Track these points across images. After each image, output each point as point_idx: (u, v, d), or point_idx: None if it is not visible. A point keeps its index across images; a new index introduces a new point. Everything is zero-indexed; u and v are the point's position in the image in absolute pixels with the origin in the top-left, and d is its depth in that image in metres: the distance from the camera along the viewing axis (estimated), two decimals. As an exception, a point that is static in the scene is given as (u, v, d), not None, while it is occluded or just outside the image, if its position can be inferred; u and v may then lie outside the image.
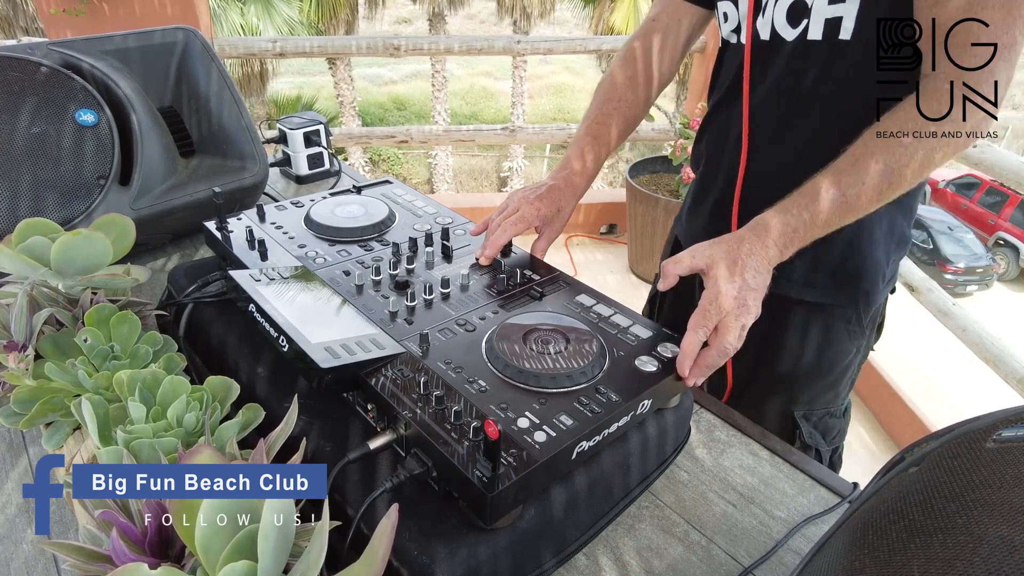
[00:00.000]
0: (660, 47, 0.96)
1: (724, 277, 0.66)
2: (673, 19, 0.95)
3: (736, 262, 0.67)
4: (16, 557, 0.62)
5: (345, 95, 10.15)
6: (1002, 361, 1.85)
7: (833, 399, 0.99)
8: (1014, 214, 9.21)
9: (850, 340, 0.94)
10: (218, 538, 0.40)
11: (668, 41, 0.96)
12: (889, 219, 0.88)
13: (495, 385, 0.58)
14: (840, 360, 0.95)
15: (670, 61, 0.97)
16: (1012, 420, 0.33)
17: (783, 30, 0.80)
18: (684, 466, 0.72)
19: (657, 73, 0.97)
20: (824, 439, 1.00)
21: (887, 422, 2.67)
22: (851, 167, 0.70)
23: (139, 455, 0.54)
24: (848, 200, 0.69)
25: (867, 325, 0.94)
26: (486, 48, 3.06)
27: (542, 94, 16.38)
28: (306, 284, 0.72)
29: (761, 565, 0.60)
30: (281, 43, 2.85)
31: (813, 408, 0.99)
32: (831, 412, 1.00)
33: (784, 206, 0.71)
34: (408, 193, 1.00)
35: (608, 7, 9.31)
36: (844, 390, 1.00)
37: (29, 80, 0.96)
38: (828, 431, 1.00)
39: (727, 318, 0.64)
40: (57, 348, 0.68)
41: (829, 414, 1.00)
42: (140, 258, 1.10)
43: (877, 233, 0.88)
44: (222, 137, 1.18)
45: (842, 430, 1.03)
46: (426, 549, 0.50)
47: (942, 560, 0.27)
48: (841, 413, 1.01)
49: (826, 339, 0.93)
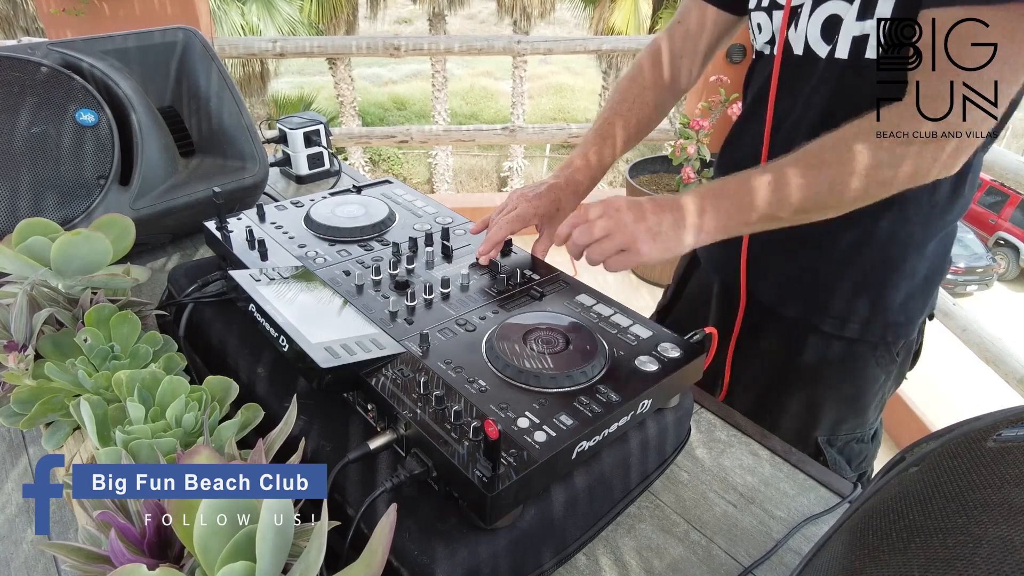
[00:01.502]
0: (681, 51, 0.94)
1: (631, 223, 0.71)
2: (698, 23, 0.93)
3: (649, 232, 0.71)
4: (16, 557, 0.62)
5: (345, 95, 10.15)
6: (1002, 361, 1.84)
7: (860, 425, 0.95)
8: (1014, 214, 9.20)
9: (878, 367, 0.90)
10: (217, 538, 0.40)
11: (689, 45, 0.94)
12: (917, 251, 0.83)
13: (495, 385, 0.58)
14: (867, 388, 0.91)
15: (691, 65, 0.95)
16: (1012, 420, 0.33)
17: (816, 45, 0.76)
18: (684, 466, 0.72)
19: (676, 78, 0.95)
20: (849, 465, 0.95)
21: (887, 422, 2.66)
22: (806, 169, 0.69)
23: (138, 455, 0.54)
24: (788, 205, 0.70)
25: (899, 353, 0.90)
26: (486, 48, 3.06)
27: (542, 94, 16.38)
28: (306, 284, 0.72)
29: (761, 565, 0.60)
30: (281, 43, 2.85)
31: (837, 433, 0.94)
32: (858, 437, 0.95)
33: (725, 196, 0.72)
34: (408, 193, 1.00)
35: (608, 7, 9.32)
36: (873, 416, 0.96)
37: (29, 80, 0.96)
38: (854, 457, 0.96)
39: (604, 220, 0.71)
40: (57, 348, 0.68)
41: (855, 439, 0.95)
42: (140, 258, 1.10)
43: (907, 265, 0.84)
44: (222, 137, 1.18)
45: (869, 456, 0.98)
46: (426, 549, 0.50)
47: (942, 560, 0.27)
48: (869, 438, 0.97)
49: (850, 367, 0.90)
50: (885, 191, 0.69)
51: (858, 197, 0.69)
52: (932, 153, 0.65)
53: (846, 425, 0.94)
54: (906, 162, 0.66)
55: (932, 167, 0.67)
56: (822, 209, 0.71)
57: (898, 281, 0.84)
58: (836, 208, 0.71)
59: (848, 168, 0.67)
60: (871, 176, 0.67)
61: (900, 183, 0.68)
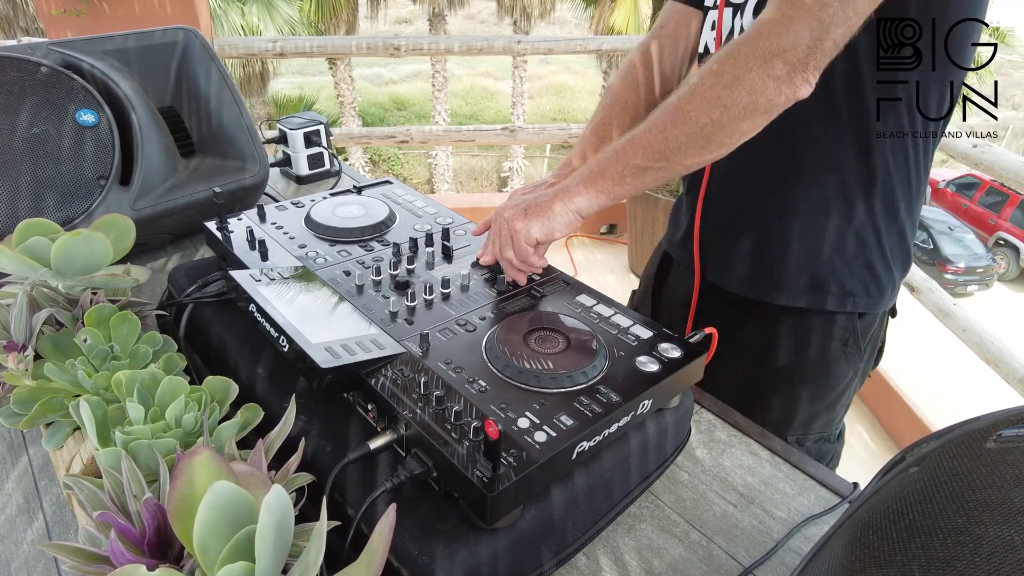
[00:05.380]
0: (668, 51, 0.96)
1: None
2: (681, 25, 0.95)
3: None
4: (16, 557, 0.62)
5: (345, 95, 10.16)
6: (1002, 361, 1.85)
7: (828, 423, 0.97)
8: (1014, 214, 9.21)
9: (847, 363, 0.91)
10: (216, 539, 0.40)
11: (672, 46, 0.96)
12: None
13: (495, 385, 0.58)
14: (837, 384, 0.93)
15: (672, 65, 0.97)
16: (1012, 420, 0.33)
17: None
18: (684, 466, 0.72)
19: (663, 78, 0.97)
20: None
21: (887, 422, 2.67)
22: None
23: (137, 456, 0.54)
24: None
25: (865, 348, 0.92)
26: (486, 48, 3.06)
27: (542, 94, 16.38)
28: (306, 284, 0.72)
29: (761, 565, 0.60)
30: (281, 43, 2.85)
31: (808, 433, 0.96)
32: (825, 436, 0.98)
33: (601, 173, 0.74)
34: (408, 193, 1.00)
35: (608, 7, 9.32)
36: (839, 414, 0.98)
37: (29, 80, 0.96)
38: (823, 456, 0.98)
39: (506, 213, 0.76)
40: (57, 348, 0.68)
41: (823, 438, 0.98)
42: (140, 258, 1.10)
43: (846, 233, 0.85)
44: (222, 137, 1.18)
45: (836, 455, 1.01)
46: (426, 549, 0.50)
47: (942, 560, 0.27)
48: (835, 438, 1.00)
49: (822, 360, 0.91)
50: (734, 115, 0.67)
51: (713, 121, 0.68)
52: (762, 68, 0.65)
53: (816, 424, 0.96)
54: (741, 84, 0.65)
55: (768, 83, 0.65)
56: (682, 149, 0.70)
57: (841, 247, 0.85)
58: (700, 142, 0.70)
59: (689, 94, 0.69)
60: (712, 99, 0.67)
61: (751, 105, 0.66)
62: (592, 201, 0.74)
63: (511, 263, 0.75)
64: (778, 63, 0.63)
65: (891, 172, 0.80)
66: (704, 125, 0.68)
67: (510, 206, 0.77)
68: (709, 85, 0.67)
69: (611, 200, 0.75)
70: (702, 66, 0.70)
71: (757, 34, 0.65)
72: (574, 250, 3.76)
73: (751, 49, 0.65)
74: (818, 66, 0.64)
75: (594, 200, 0.74)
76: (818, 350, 0.90)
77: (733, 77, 0.65)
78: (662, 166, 0.71)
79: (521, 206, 0.76)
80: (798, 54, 0.63)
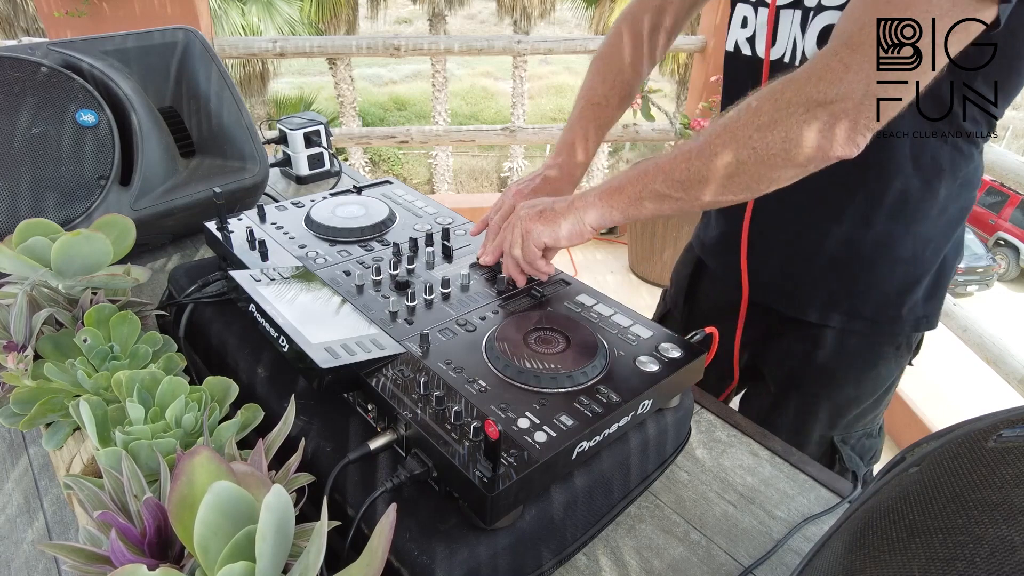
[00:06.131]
0: (650, 28, 0.93)
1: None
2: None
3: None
4: (16, 557, 0.62)
5: (345, 95, 10.16)
6: (1003, 361, 1.84)
7: (872, 420, 0.96)
8: (1014, 214, 9.21)
9: (896, 364, 0.91)
10: (217, 539, 0.40)
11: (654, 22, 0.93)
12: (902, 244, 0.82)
13: (495, 385, 0.58)
14: (884, 382, 0.92)
15: (652, 44, 0.95)
16: (1013, 420, 0.33)
17: (812, 54, 0.72)
18: (684, 466, 0.72)
19: (652, 52, 0.95)
20: (862, 460, 0.97)
21: (887, 422, 2.66)
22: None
23: (137, 456, 0.54)
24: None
25: (914, 347, 0.91)
26: (486, 48, 3.06)
27: (542, 94, 16.39)
28: (306, 284, 0.72)
29: (761, 565, 0.60)
30: (281, 43, 2.85)
31: (851, 431, 0.95)
32: (868, 432, 0.97)
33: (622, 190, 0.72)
34: (408, 193, 1.00)
35: (608, 7, 9.32)
36: (882, 410, 0.97)
37: (29, 80, 0.96)
38: (865, 452, 0.97)
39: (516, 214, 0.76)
40: (57, 348, 0.68)
41: (866, 435, 0.97)
42: (140, 258, 1.10)
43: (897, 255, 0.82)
44: (222, 137, 1.18)
45: (878, 450, 0.99)
46: (426, 549, 0.50)
47: (942, 560, 0.27)
48: (877, 432, 0.99)
49: (873, 364, 0.90)
50: (770, 165, 0.62)
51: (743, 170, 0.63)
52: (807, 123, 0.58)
53: (861, 422, 0.95)
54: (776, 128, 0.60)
55: (811, 138, 0.59)
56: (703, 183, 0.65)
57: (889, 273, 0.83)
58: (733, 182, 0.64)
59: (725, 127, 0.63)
60: (754, 145, 0.61)
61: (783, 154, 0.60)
62: (605, 216, 0.72)
63: (516, 262, 0.75)
64: (823, 113, 0.56)
65: (952, 181, 0.78)
66: (728, 164, 0.63)
67: (526, 206, 0.77)
68: (743, 124, 0.62)
69: (624, 219, 0.72)
70: (739, 102, 0.64)
71: (806, 77, 0.58)
72: (574, 250, 3.76)
73: (795, 93, 0.58)
74: (869, 126, 0.57)
75: (607, 216, 0.72)
76: (869, 355, 0.90)
77: (770, 119, 0.59)
78: (680, 196, 0.67)
79: (537, 207, 0.75)
80: (846, 107, 0.56)
